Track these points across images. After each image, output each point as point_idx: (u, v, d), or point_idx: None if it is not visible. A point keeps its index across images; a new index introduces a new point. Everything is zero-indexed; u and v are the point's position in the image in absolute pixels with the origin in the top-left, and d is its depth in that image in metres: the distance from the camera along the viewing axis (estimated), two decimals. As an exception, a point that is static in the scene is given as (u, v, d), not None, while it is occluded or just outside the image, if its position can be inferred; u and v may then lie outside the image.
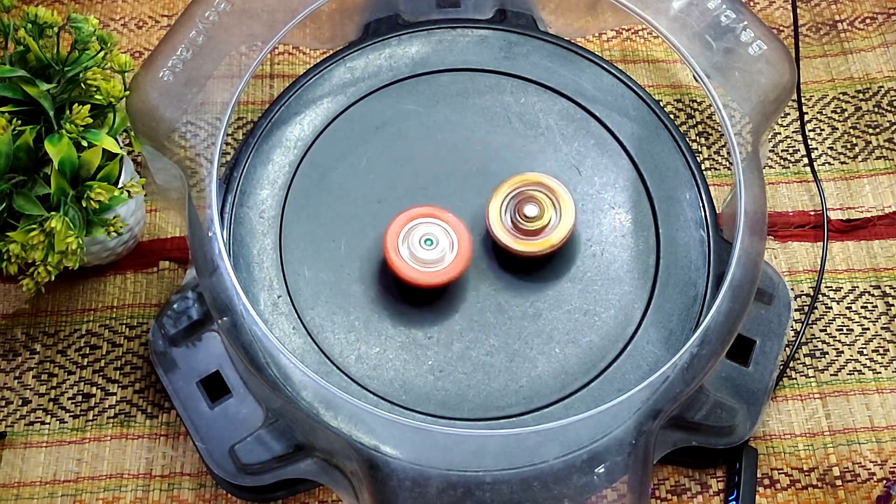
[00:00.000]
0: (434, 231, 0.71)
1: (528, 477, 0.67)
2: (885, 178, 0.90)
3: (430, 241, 0.71)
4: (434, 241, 0.71)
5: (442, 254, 0.71)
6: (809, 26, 0.98)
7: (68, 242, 0.71)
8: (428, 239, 0.71)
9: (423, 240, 0.71)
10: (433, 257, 0.71)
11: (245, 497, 0.76)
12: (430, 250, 0.71)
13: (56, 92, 0.73)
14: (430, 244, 0.71)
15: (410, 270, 0.70)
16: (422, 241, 0.71)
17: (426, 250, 0.71)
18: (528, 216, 0.72)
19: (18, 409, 0.80)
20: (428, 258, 0.71)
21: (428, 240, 0.71)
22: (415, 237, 0.71)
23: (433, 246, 0.71)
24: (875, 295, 0.85)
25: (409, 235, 0.71)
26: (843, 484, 0.78)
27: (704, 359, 0.69)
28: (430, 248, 0.71)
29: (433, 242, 0.71)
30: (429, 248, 0.71)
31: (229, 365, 0.74)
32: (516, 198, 0.73)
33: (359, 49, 0.82)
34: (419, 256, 0.70)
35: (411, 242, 0.71)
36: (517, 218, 0.72)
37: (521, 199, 0.72)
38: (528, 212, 0.72)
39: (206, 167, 0.72)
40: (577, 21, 0.90)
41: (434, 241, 0.71)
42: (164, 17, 0.97)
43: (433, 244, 0.71)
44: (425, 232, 0.71)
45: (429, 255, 0.71)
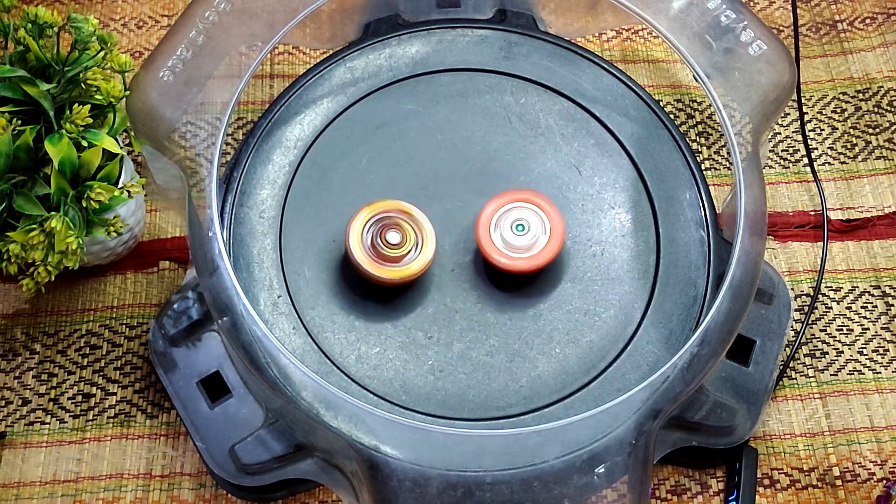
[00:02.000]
0: (526, 216, 0.72)
1: (528, 477, 0.67)
2: (885, 178, 0.90)
3: (522, 226, 0.72)
4: (525, 226, 0.72)
5: (534, 239, 0.72)
6: (809, 26, 0.98)
7: (68, 242, 0.71)
8: (520, 224, 0.72)
9: (515, 225, 0.72)
10: (524, 243, 0.71)
11: (245, 497, 0.76)
12: (521, 236, 0.71)
13: (56, 92, 0.73)
14: (521, 230, 0.72)
15: (502, 256, 0.71)
16: (513, 227, 0.72)
17: (518, 236, 0.71)
18: (391, 243, 0.71)
19: (18, 409, 0.80)
20: (519, 244, 0.71)
21: (519, 225, 0.72)
22: (506, 222, 0.72)
23: (524, 231, 0.72)
24: (875, 295, 0.85)
25: (501, 221, 0.72)
26: (843, 484, 0.78)
27: (704, 359, 0.69)
28: (521, 233, 0.71)
29: (524, 228, 0.72)
30: (520, 234, 0.71)
31: (229, 365, 0.74)
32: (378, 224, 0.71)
33: (359, 49, 0.82)
34: (512, 242, 0.71)
35: (503, 229, 0.71)
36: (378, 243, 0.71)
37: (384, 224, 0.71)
38: (390, 238, 0.71)
39: (206, 167, 0.72)
40: (577, 21, 0.90)
41: (525, 226, 0.72)
42: (164, 17, 0.97)
43: (524, 230, 0.72)
44: (517, 217, 0.72)
45: (520, 241, 0.71)
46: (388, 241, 0.71)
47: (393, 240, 0.71)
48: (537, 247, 0.72)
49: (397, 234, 0.71)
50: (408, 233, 0.71)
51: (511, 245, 0.71)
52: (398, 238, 0.71)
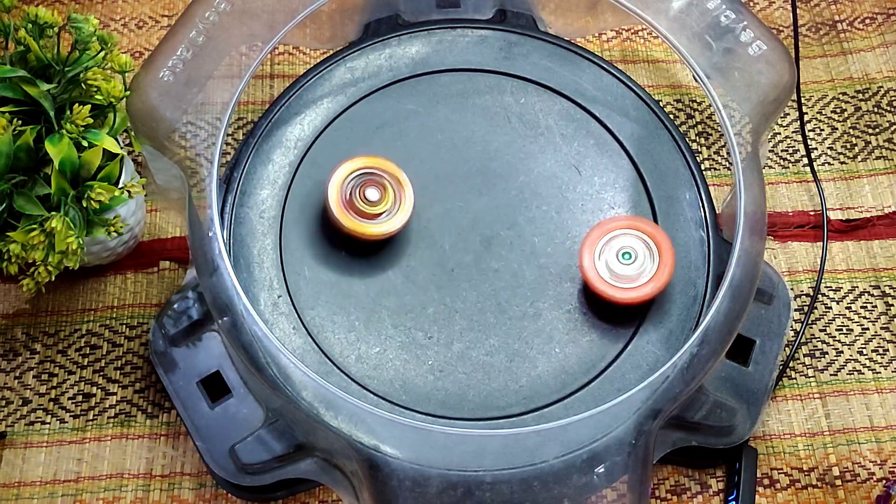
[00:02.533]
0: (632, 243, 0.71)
1: (528, 477, 0.67)
2: (885, 178, 0.90)
3: (629, 254, 0.71)
4: (632, 254, 0.71)
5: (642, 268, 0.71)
6: (809, 26, 0.98)
7: (68, 242, 0.71)
8: (626, 253, 0.71)
9: (622, 253, 0.71)
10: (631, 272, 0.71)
11: (245, 497, 0.76)
12: (628, 265, 0.71)
13: (56, 92, 0.73)
14: (628, 258, 0.71)
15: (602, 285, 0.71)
16: (619, 255, 0.71)
17: (624, 265, 0.71)
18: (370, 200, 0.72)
19: (18, 408, 0.80)
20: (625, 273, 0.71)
21: (626, 253, 0.71)
22: (612, 250, 0.71)
23: (631, 260, 0.71)
24: (875, 295, 0.85)
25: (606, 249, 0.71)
26: (842, 484, 0.78)
27: (704, 359, 0.69)
28: (628, 262, 0.71)
29: (631, 256, 0.71)
30: (627, 263, 0.71)
31: (229, 365, 0.74)
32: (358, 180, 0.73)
33: (359, 49, 0.82)
34: (616, 271, 0.71)
35: (608, 256, 0.71)
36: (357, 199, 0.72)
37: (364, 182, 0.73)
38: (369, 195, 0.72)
39: (206, 167, 0.72)
40: (577, 21, 0.90)
41: (632, 254, 0.71)
42: (164, 17, 0.97)
43: (631, 258, 0.71)
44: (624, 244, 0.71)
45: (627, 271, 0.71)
46: (367, 198, 0.72)
47: (372, 197, 0.72)
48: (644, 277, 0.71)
49: (377, 191, 0.72)
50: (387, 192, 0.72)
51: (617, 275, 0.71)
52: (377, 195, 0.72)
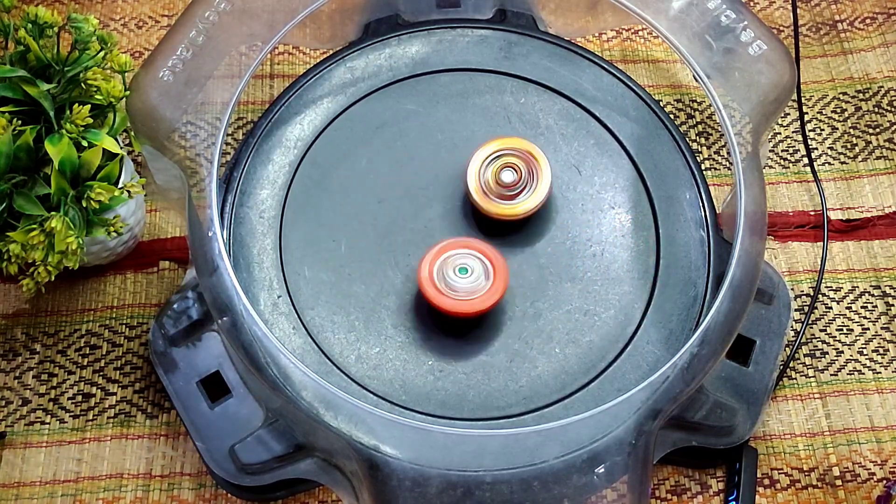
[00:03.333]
0: (468, 261, 0.71)
1: (528, 477, 0.67)
2: (885, 178, 0.90)
3: (465, 269, 0.71)
4: (469, 269, 0.71)
5: (477, 282, 0.70)
6: (809, 26, 0.98)
7: (68, 242, 0.71)
8: (462, 268, 0.71)
9: (458, 269, 0.71)
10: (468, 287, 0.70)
11: (245, 497, 0.76)
12: (464, 278, 0.70)
13: (56, 92, 0.73)
14: (464, 273, 0.70)
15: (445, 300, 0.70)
16: (456, 270, 0.71)
17: (461, 279, 0.70)
18: (505, 182, 0.73)
19: (18, 409, 0.80)
20: (463, 287, 0.70)
21: (462, 268, 0.71)
22: (449, 266, 0.71)
23: (468, 274, 0.70)
24: (875, 295, 0.85)
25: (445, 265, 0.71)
26: (843, 484, 0.78)
27: (704, 359, 0.69)
28: (464, 276, 0.70)
29: (468, 271, 0.71)
30: (463, 277, 0.70)
31: (229, 365, 0.74)
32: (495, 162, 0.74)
33: (359, 49, 0.82)
34: (454, 285, 0.70)
35: (446, 271, 0.70)
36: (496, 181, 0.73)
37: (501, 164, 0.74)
38: (504, 177, 0.73)
39: (206, 167, 0.72)
40: (577, 21, 0.90)
41: (469, 269, 0.71)
42: (164, 17, 0.97)
43: (468, 273, 0.71)
44: (460, 262, 0.71)
45: (463, 285, 0.70)
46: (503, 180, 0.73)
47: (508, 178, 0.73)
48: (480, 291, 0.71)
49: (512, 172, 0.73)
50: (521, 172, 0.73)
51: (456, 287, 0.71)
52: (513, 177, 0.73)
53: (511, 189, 0.73)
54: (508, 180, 0.73)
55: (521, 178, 0.73)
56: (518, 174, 0.73)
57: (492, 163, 0.74)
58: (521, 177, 0.73)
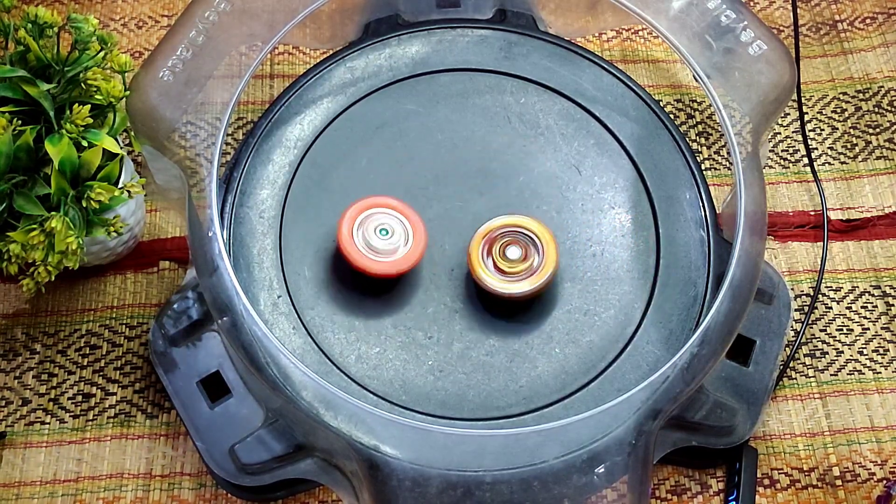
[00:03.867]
0: (389, 221, 0.72)
1: (528, 477, 0.67)
2: (885, 178, 0.90)
3: (385, 230, 0.71)
4: (389, 230, 0.71)
5: (396, 245, 0.71)
6: (809, 26, 0.98)
7: (68, 242, 0.71)
8: (383, 229, 0.71)
9: (379, 229, 0.71)
10: (387, 247, 0.71)
11: (245, 497, 0.76)
12: (385, 239, 0.71)
13: (56, 92, 0.73)
14: (385, 234, 0.71)
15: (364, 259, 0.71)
16: (377, 231, 0.71)
17: (381, 239, 0.71)
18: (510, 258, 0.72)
19: (18, 409, 0.80)
20: (383, 248, 0.71)
21: (383, 230, 0.71)
22: (370, 227, 0.71)
23: (388, 236, 0.71)
24: (875, 295, 0.85)
25: (365, 224, 0.71)
26: (843, 484, 0.78)
27: (704, 359, 0.69)
28: (385, 237, 0.71)
29: (388, 232, 0.71)
30: (384, 238, 0.71)
31: (229, 365, 0.74)
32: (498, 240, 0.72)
33: (359, 49, 0.82)
34: (375, 246, 0.71)
35: (366, 231, 0.71)
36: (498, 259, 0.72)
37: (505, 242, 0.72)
38: (510, 254, 0.72)
39: (206, 167, 0.72)
40: (577, 21, 0.90)
41: (389, 230, 0.71)
42: (164, 17, 0.97)
43: (388, 234, 0.71)
44: (381, 222, 0.71)
45: (383, 245, 0.71)
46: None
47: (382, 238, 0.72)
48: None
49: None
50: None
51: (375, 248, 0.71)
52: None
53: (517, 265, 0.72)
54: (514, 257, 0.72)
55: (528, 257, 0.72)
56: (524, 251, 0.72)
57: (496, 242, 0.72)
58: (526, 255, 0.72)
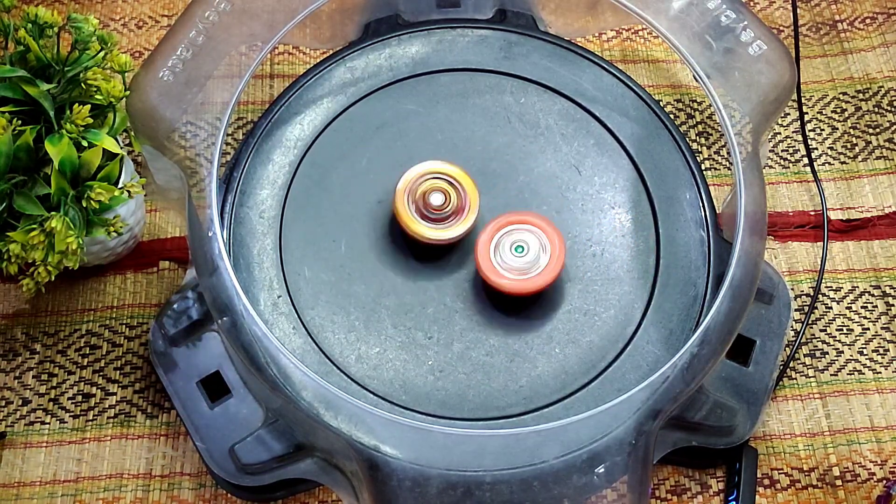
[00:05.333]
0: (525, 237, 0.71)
1: (528, 477, 0.67)
2: (885, 178, 0.90)
3: (522, 247, 0.71)
4: (525, 247, 0.71)
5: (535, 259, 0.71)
6: (809, 26, 0.98)
7: (68, 242, 0.71)
8: (519, 246, 0.71)
9: (515, 246, 0.71)
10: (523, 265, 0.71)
11: (245, 497, 0.76)
12: (520, 257, 0.71)
13: (56, 92, 0.73)
14: (521, 251, 0.71)
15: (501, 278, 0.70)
16: (513, 248, 0.71)
17: (517, 257, 0.71)
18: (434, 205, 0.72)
19: (18, 409, 0.80)
20: (518, 265, 0.71)
21: (519, 246, 0.71)
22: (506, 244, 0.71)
23: (524, 253, 0.71)
24: (875, 295, 0.85)
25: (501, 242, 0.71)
26: (843, 484, 0.78)
27: (704, 359, 0.69)
28: (520, 254, 0.71)
29: (524, 249, 0.71)
30: (519, 255, 0.71)
31: (229, 365, 0.74)
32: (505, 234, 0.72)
33: (359, 49, 0.82)
34: (511, 264, 0.71)
35: (503, 250, 0.71)
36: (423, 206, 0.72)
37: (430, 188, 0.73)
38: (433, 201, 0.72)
39: (206, 167, 0.72)
40: (577, 21, 0.90)
41: (525, 247, 0.71)
42: (164, 17, 0.97)
43: (524, 251, 0.71)
44: (517, 238, 0.71)
45: (519, 263, 0.71)
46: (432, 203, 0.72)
47: (436, 202, 0.72)
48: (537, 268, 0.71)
49: (441, 195, 0.72)
50: (450, 196, 0.72)
51: (511, 267, 0.71)
52: (441, 200, 0.72)
53: (440, 212, 0.72)
54: (437, 203, 0.72)
55: (450, 203, 0.72)
56: (446, 198, 0.72)
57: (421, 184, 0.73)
58: (448, 201, 0.72)
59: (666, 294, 0.74)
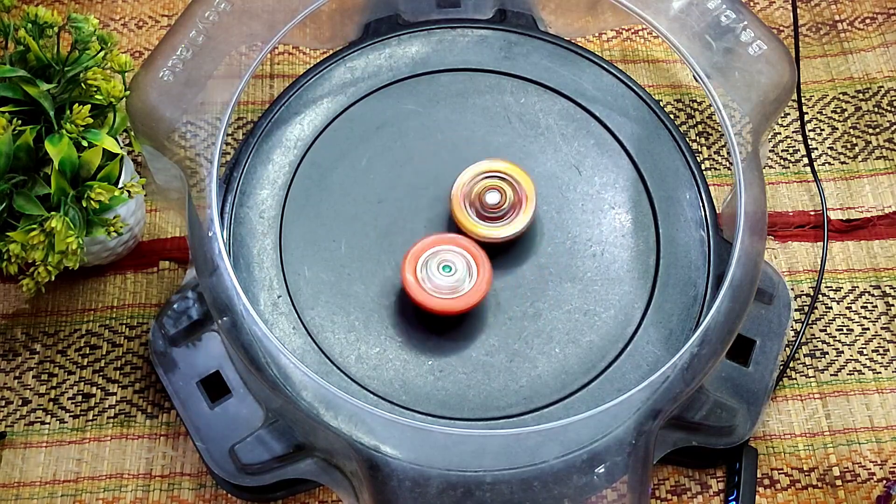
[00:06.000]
0: (452, 258, 0.71)
1: (528, 477, 0.67)
2: (885, 178, 0.90)
3: (449, 267, 0.71)
4: (452, 267, 0.71)
5: (461, 281, 0.71)
6: (809, 26, 0.98)
7: (68, 242, 0.71)
8: (446, 265, 0.71)
9: (441, 266, 0.71)
10: (451, 284, 0.70)
11: (245, 497, 0.76)
12: (448, 276, 0.70)
13: (56, 92, 0.73)
14: (448, 270, 0.71)
15: (427, 297, 0.70)
16: (440, 268, 0.71)
17: (444, 276, 0.70)
18: (490, 204, 0.72)
19: (18, 409, 0.80)
20: (445, 284, 0.70)
21: (446, 266, 0.71)
22: (433, 264, 0.71)
23: (451, 272, 0.71)
24: (875, 295, 0.85)
25: (428, 262, 0.71)
26: (843, 484, 0.78)
27: (704, 359, 0.69)
28: (448, 274, 0.71)
29: (451, 269, 0.71)
30: (447, 275, 0.71)
31: (229, 365, 0.74)
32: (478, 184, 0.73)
33: (359, 49, 0.82)
34: (437, 283, 0.70)
35: (430, 268, 0.71)
36: (480, 205, 0.73)
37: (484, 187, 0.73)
38: (489, 199, 0.72)
39: (206, 167, 0.72)
40: (577, 21, 0.90)
41: (452, 267, 0.71)
42: (164, 17, 0.97)
43: (451, 270, 0.71)
44: (443, 259, 0.71)
45: (446, 282, 0.70)
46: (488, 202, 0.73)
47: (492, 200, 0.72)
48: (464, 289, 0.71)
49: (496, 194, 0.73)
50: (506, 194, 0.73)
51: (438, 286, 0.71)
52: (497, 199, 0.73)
53: (496, 211, 0.73)
54: (493, 202, 0.73)
55: (506, 201, 0.73)
56: (503, 196, 0.73)
57: (477, 183, 0.73)
58: (505, 199, 0.73)
59: (666, 294, 0.74)
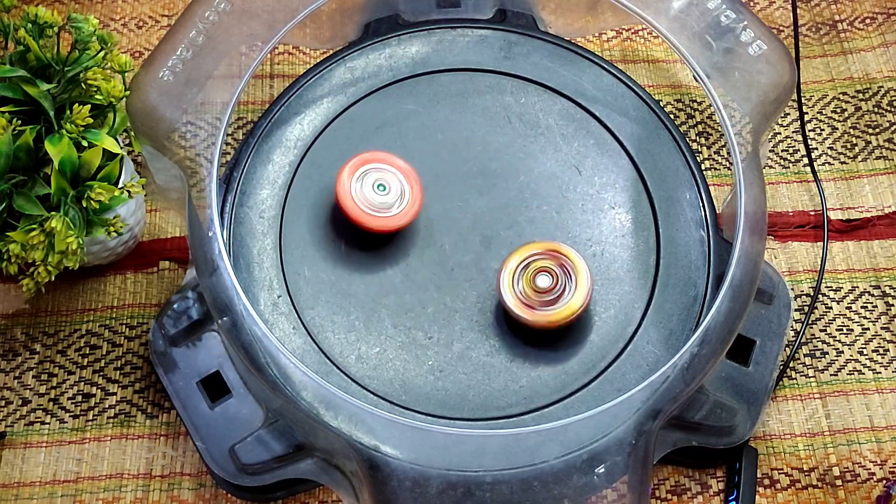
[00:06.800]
0: (386, 177, 0.72)
1: (528, 477, 0.67)
2: (885, 178, 0.90)
3: (383, 186, 0.71)
4: (386, 186, 0.72)
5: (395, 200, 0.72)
6: (809, 26, 0.98)
7: (68, 242, 0.71)
8: (381, 184, 0.71)
9: (377, 185, 0.72)
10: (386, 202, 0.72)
11: (245, 497, 0.76)
12: (383, 195, 0.71)
13: (56, 92, 0.73)
14: (382, 189, 0.71)
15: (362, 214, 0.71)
16: (375, 186, 0.72)
17: (379, 195, 0.71)
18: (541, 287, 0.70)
19: (18, 409, 0.80)
20: (380, 202, 0.71)
21: (381, 185, 0.71)
22: (368, 182, 0.72)
23: (386, 191, 0.71)
24: (875, 295, 0.85)
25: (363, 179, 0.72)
26: (843, 484, 0.78)
27: (704, 359, 0.69)
28: (382, 193, 0.71)
29: (386, 188, 0.71)
30: (382, 194, 0.71)
31: (229, 365, 0.74)
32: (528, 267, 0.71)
33: (359, 49, 0.82)
34: (372, 201, 0.71)
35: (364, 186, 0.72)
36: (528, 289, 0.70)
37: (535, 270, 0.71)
38: (540, 283, 0.70)
39: (206, 167, 0.72)
40: (577, 21, 0.90)
41: (386, 186, 0.72)
42: (164, 17, 0.97)
43: (386, 189, 0.71)
44: (377, 178, 0.72)
45: (381, 200, 0.71)
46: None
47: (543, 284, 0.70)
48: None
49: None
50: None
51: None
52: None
53: (549, 294, 0.70)
54: (544, 285, 0.70)
55: (558, 283, 0.70)
56: (554, 278, 0.70)
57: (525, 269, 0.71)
58: (557, 281, 0.70)
59: (666, 294, 0.74)
